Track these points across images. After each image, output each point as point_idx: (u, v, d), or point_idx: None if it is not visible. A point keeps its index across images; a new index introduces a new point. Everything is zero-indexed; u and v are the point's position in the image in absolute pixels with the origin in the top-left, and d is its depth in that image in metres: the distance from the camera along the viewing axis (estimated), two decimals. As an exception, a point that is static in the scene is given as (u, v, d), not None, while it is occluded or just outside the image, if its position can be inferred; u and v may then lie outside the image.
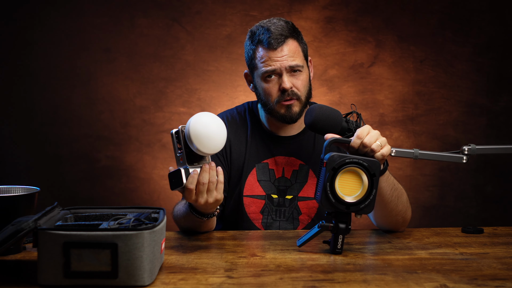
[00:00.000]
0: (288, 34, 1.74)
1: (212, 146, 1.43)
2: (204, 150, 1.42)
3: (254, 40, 1.76)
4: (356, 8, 2.93)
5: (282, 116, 1.76)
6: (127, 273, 1.18)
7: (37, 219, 1.23)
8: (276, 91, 1.74)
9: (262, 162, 1.82)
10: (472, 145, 1.56)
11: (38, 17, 2.87)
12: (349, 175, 1.43)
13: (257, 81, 1.78)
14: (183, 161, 1.44)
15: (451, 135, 2.97)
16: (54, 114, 2.90)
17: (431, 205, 2.93)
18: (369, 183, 1.42)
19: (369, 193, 1.42)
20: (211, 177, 1.44)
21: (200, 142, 1.41)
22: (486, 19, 2.95)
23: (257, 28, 1.77)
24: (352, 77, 2.95)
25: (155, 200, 2.94)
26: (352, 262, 1.39)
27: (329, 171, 1.41)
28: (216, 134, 1.43)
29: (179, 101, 2.93)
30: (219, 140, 1.44)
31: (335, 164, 1.41)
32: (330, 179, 1.41)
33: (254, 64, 1.77)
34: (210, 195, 1.46)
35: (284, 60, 1.72)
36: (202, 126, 1.41)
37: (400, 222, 1.68)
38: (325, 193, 1.41)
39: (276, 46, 1.72)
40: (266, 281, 1.24)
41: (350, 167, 1.42)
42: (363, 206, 1.43)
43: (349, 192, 1.43)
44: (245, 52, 1.81)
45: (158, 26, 2.91)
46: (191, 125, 1.41)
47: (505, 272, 1.32)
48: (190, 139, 1.40)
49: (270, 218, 1.81)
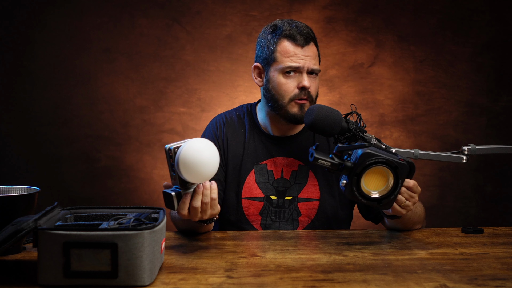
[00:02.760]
0: (313, 36, 1.75)
1: (201, 177, 1.38)
2: (192, 181, 1.38)
3: (278, 33, 1.74)
4: (356, 8, 2.93)
5: (292, 115, 1.74)
6: (127, 273, 1.18)
7: (37, 219, 1.23)
8: (293, 87, 1.73)
9: (260, 163, 1.82)
10: (472, 145, 1.56)
11: (38, 17, 2.87)
12: (377, 172, 1.47)
13: (272, 75, 1.75)
14: (175, 182, 1.40)
15: (451, 135, 2.97)
16: (54, 114, 2.90)
17: (431, 205, 2.93)
18: (394, 183, 1.47)
19: (392, 191, 1.48)
20: (204, 199, 1.42)
21: (188, 173, 1.36)
22: (486, 19, 2.95)
23: (283, 23, 1.75)
24: (352, 77, 2.95)
25: (155, 200, 2.94)
26: (352, 262, 1.39)
27: (361, 167, 1.45)
28: (206, 164, 1.36)
29: (179, 101, 2.93)
30: (208, 171, 1.38)
31: (367, 161, 1.44)
32: (359, 174, 1.45)
33: (274, 57, 1.74)
34: (205, 213, 1.44)
35: (308, 60, 1.72)
36: (191, 157, 1.34)
37: (413, 228, 1.73)
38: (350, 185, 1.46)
39: (304, 44, 1.72)
40: (266, 281, 1.24)
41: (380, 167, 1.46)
42: (384, 202, 1.48)
43: (374, 187, 1.48)
44: (262, 44, 1.78)
45: (158, 26, 2.91)
46: (180, 155, 1.34)
47: (505, 272, 1.32)
48: (178, 168, 1.35)
49: (270, 220, 1.81)
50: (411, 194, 1.54)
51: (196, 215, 1.43)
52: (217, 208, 1.46)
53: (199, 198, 1.41)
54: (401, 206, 1.54)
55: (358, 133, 1.56)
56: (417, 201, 1.57)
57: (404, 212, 1.55)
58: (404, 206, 1.54)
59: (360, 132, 1.57)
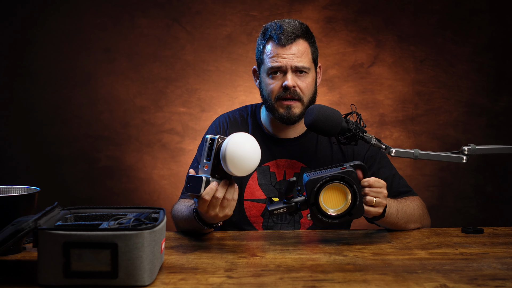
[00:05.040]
0: (300, 34, 1.74)
1: (245, 170, 1.42)
2: (236, 173, 1.42)
3: (265, 35, 1.77)
4: (356, 8, 2.93)
5: (280, 115, 1.76)
6: (127, 273, 1.18)
7: (37, 219, 1.23)
8: (278, 87, 1.74)
9: (263, 165, 1.82)
10: (472, 145, 1.56)
11: (38, 17, 2.87)
12: (331, 190, 1.49)
13: (262, 76, 1.79)
14: (207, 170, 1.43)
15: (451, 135, 2.97)
16: (54, 114, 2.90)
17: (431, 205, 2.92)
18: (351, 191, 1.48)
19: (354, 199, 1.49)
20: (227, 194, 1.44)
21: (233, 165, 1.40)
22: (486, 19, 2.95)
23: (271, 24, 1.77)
24: (352, 77, 2.95)
25: (155, 200, 2.94)
26: (352, 262, 1.39)
27: (311, 194, 1.47)
28: (251, 158, 1.42)
29: (179, 101, 2.93)
30: (252, 165, 1.43)
31: (315, 187, 1.47)
32: (315, 202, 1.48)
33: (262, 59, 1.77)
34: (222, 210, 1.45)
35: (291, 59, 1.72)
36: (239, 150, 1.40)
37: (409, 228, 1.73)
38: (315, 215, 1.49)
39: (285, 43, 1.72)
40: (266, 281, 1.24)
41: (330, 185, 1.48)
42: (354, 212, 1.49)
43: (337, 204, 1.49)
44: (256, 47, 1.81)
45: (158, 26, 2.91)
46: (228, 146, 1.40)
47: (505, 272, 1.32)
48: (224, 159, 1.40)
49: (271, 221, 1.80)
50: (376, 190, 1.53)
51: (215, 208, 1.44)
52: (232, 211, 1.47)
53: (223, 190, 1.44)
54: (375, 206, 1.53)
55: (358, 133, 1.56)
56: (386, 194, 1.55)
57: (380, 211, 1.54)
58: (376, 204, 1.53)
59: (360, 132, 1.57)
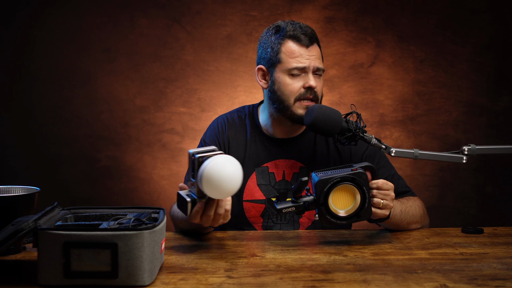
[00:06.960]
0: (316, 37, 1.76)
1: (222, 195, 1.35)
2: (213, 197, 1.36)
3: (282, 34, 1.74)
4: (356, 8, 2.93)
5: (299, 116, 1.72)
6: (127, 273, 1.18)
7: (37, 219, 1.23)
8: (299, 87, 1.72)
9: (262, 165, 1.82)
10: (472, 145, 1.56)
11: (38, 17, 2.87)
12: (340, 191, 1.49)
13: (277, 76, 1.74)
14: (193, 187, 1.38)
15: (451, 135, 2.97)
16: (54, 114, 2.90)
17: (431, 205, 2.93)
18: (361, 192, 1.48)
19: (363, 200, 1.49)
20: (218, 210, 1.41)
21: (210, 190, 1.32)
22: (486, 19, 2.95)
23: (286, 24, 1.75)
24: (352, 77, 2.95)
25: (155, 200, 2.94)
26: (352, 262, 1.39)
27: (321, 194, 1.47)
28: (229, 184, 1.32)
29: (179, 101, 2.93)
30: (230, 190, 1.34)
31: (325, 187, 1.46)
32: (324, 202, 1.47)
33: (279, 58, 1.73)
34: (216, 222, 1.43)
35: (313, 60, 1.72)
36: (216, 175, 1.30)
37: (410, 228, 1.73)
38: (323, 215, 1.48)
39: (308, 44, 1.72)
40: (266, 281, 1.24)
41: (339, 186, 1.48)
42: (362, 213, 1.49)
43: (346, 205, 1.49)
44: (266, 46, 1.76)
45: (158, 26, 2.90)
46: (205, 172, 1.30)
47: (505, 272, 1.32)
48: (201, 183, 1.31)
49: (271, 222, 1.80)
50: (384, 192, 1.53)
51: (208, 223, 1.42)
52: (228, 218, 1.45)
53: (213, 208, 1.40)
54: (381, 208, 1.53)
55: (358, 133, 1.56)
56: (394, 196, 1.55)
57: (387, 213, 1.55)
58: (383, 206, 1.53)
59: (360, 132, 1.57)
